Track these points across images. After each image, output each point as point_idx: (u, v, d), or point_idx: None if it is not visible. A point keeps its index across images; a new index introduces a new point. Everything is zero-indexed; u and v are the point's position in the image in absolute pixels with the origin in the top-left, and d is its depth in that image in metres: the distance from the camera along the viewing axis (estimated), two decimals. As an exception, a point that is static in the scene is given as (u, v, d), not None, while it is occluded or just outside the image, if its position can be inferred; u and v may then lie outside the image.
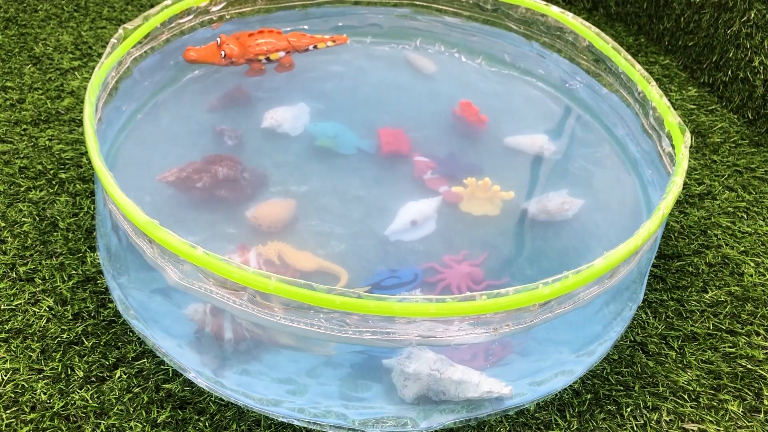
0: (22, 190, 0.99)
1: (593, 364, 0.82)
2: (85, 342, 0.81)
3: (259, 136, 1.03)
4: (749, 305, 0.92)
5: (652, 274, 0.95)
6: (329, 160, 1.01)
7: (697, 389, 0.82)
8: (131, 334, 0.82)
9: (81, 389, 0.76)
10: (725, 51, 1.27)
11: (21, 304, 0.84)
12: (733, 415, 0.79)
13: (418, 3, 1.23)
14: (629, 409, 0.79)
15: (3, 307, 0.84)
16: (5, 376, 0.77)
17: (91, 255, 0.91)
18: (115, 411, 0.75)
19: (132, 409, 0.75)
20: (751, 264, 0.97)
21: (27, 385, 0.76)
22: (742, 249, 0.99)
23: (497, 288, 0.67)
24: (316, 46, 1.12)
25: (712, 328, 0.89)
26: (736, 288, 0.94)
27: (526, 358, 0.78)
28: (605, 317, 0.83)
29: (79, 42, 1.31)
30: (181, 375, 0.78)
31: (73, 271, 0.89)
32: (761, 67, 1.21)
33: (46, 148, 1.06)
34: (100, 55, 1.27)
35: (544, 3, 1.13)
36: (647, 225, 0.75)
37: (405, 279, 0.85)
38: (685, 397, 0.81)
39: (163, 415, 0.75)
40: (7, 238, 0.92)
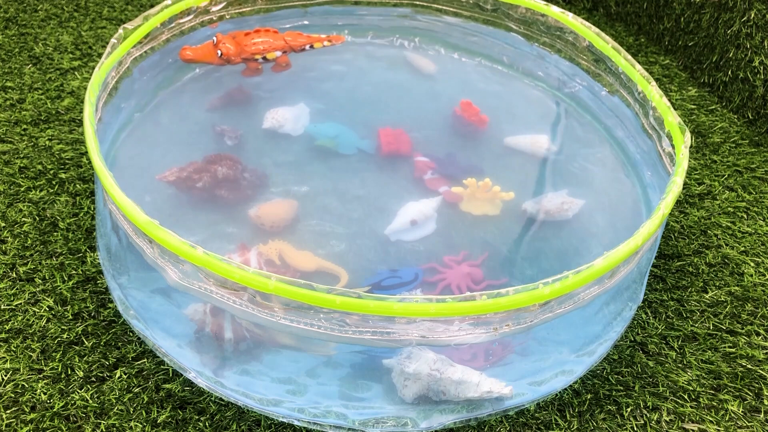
0: (22, 190, 0.99)
1: (593, 364, 0.82)
2: (85, 342, 0.81)
3: (259, 136, 1.03)
4: (749, 305, 0.92)
5: (652, 274, 0.95)
6: (329, 160, 1.01)
7: (697, 389, 0.81)
8: (131, 334, 0.82)
9: (81, 389, 0.76)
10: (725, 51, 1.27)
11: (21, 304, 0.84)
12: (733, 415, 0.79)
13: (418, 3, 1.23)
14: (629, 409, 0.79)
15: (3, 307, 0.84)
16: (5, 376, 0.77)
17: (91, 255, 0.91)
18: (115, 411, 0.75)
19: (132, 409, 0.75)
20: (751, 264, 0.97)
21: (27, 385, 0.76)
22: (742, 249, 0.99)
23: (497, 288, 0.67)
24: (312, 46, 1.12)
25: (712, 328, 0.89)
26: (736, 288, 0.94)
27: (526, 358, 0.78)
28: (605, 317, 0.83)
29: (79, 42, 1.31)
30: (181, 375, 0.78)
31: (73, 271, 0.89)
32: (761, 67, 1.21)
33: (46, 148, 1.06)
34: (100, 55, 1.27)
35: (544, 3, 1.13)
36: (647, 225, 0.75)
37: (405, 279, 0.85)
38: (685, 397, 0.81)
39: (163, 415, 0.75)
40: (7, 238, 0.92)
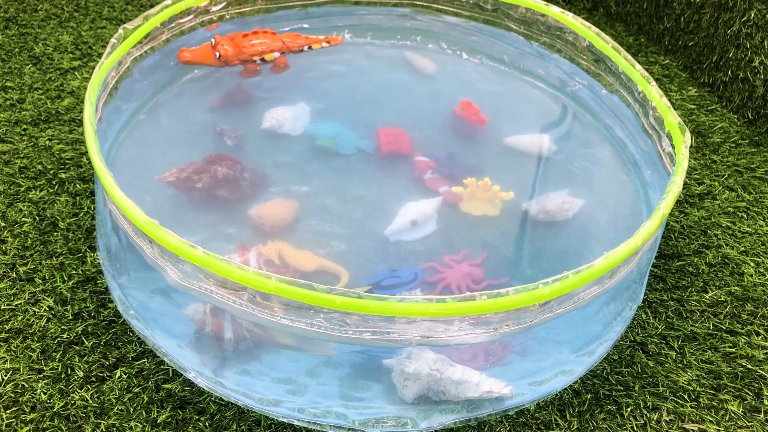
0: (22, 190, 0.99)
1: (593, 364, 0.82)
2: (85, 342, 0.81)
3: (259, 136, 1.03)
4: (749, 305, 0.92)
5: (652, 274, 0.95)
6: (329, 160, 1.01)
7: (697, 389, 0.81)
8: (131, 334, 0.82)
9: (81, 389, 0.76)
10: (725, 51, 1.27)
11: (21, 304, 0.84)
12: (733, 415, 0.79)
13: (418, 3, 1.23)
14: (629, 409, 0.79)
15: (3, 307, 0.84)
16: (5, 376, 0.77)
17: (91, 255, 0.91)
18: (115, 411, 0.75)
19: (132, 409, 0.75)
20: (751, 264, 0.97)
21: (27, 385, 0.76)
22: (742, 249, 0.99)
23: (497, 288, 0.67)
24: (310, 47, 1.12)
25: (712, 328, 0.89)
26: (736, 288, 0.94)
27: (526, 358, 0.78)
28: (605, 317, 0.83)
29: (79, 42, 1.31)
30: (181, 375, 0.78)
31: (73, 271, 0.89)
32: (761, 67, 1.21)
33: (46, 148, 1.06)
34: (100, 55, 1.27)
35: (544, 3, 1.13)
36: (647, 225, 0.75)
37: (405, 279, 0.85)
38: (685, 397, 0.81)
39: (163, 415, 0.75)
40: (7, 238, 0.92)
